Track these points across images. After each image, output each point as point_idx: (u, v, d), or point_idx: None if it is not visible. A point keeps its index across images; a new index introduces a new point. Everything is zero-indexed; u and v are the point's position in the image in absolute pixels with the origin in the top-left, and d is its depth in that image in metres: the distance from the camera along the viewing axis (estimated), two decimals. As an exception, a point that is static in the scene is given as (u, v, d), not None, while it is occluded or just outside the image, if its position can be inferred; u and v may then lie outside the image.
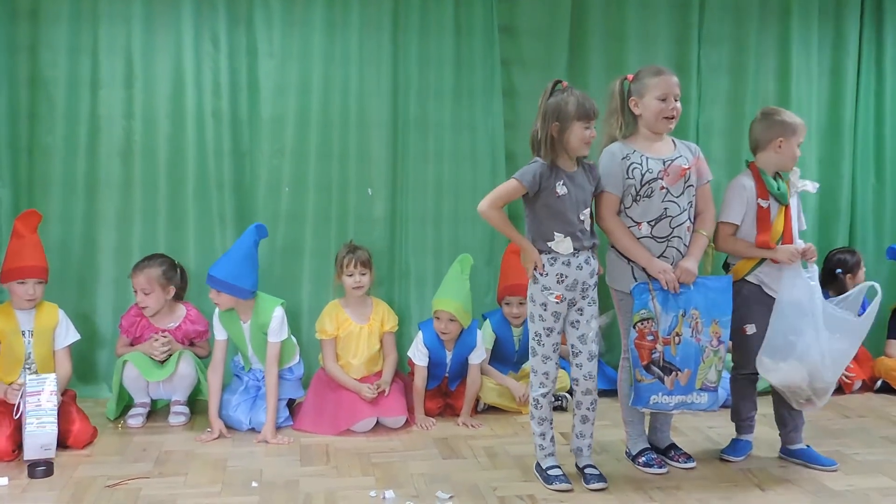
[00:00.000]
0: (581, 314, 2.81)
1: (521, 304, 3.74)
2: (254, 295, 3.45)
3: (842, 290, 3.84)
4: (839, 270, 4.20)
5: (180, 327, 3.63)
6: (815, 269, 2.97)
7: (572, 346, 2.84)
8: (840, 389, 4.16)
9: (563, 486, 2.78)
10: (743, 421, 3.18)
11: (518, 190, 2.74)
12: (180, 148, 3.92)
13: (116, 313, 3.82)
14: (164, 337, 3.54)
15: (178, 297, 3.69)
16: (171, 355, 3.55)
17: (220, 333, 3.50)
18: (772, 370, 2.92)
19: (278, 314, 3.45)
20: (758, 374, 3.03)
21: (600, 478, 2.83)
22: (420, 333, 3.63)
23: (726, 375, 3.25)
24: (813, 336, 2.86)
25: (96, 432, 3.27)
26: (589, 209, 2.81)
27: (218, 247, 3.95)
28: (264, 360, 3.49)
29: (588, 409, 2.88)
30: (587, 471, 2.87)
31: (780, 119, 3.04)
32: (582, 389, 2.85)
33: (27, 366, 3.35)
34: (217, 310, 3.48)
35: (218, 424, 3.38)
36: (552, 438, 2.89)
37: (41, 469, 2.88)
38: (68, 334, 3.44)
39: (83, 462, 3.02)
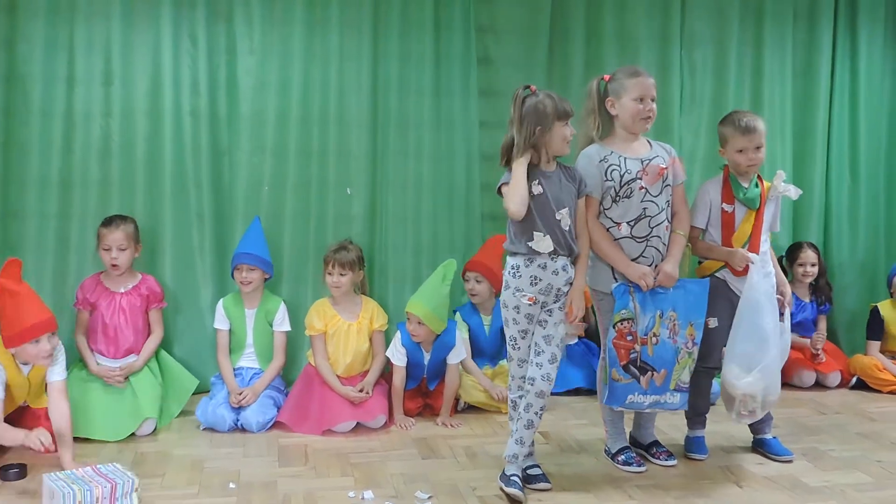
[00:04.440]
0: (550, 315, 2.79)
1: (477, 281, 3.85)
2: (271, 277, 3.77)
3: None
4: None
5: (138, 288, 3.62)
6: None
7: (536, 344, 2.78)
8: (818, 383, 4.24)
9: (515, 492, 2.72)
10: (698, 416, 3.21)
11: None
12: (158, 146, 3.88)
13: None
14: (120, 375, 3.42)
15: None
16: (127, 378, 3.44)
17: (223, 323, 3.66)
18: (739, 379, 2.96)
19: (283, 306, 3.73)
20: (717, 368, 3.10)
21: (544, 478, 2.84)
22: (398, 333, 3.63)
23: None
24: (776, 348, 2.93)
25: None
26: (568, 209, 2.76)
27: (196, 246, 3.93)
28: (262, 353, 3.67)
29: (536, 413, 2.76)
30: (530, 471, 2.85)
31: (724, 123, 3.12)
32: (536, 391, 2.74)
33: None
34: (222, 300, 3.70)
35: (238, 389, 3.52)
36: (531, 442, 2.87)
37: (14, 472, 2.84)
38: (60, 370, 3.02)
39: (56, 465, 2.97)
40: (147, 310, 3.65)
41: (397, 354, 3.59)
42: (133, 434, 3.33)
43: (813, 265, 4.31)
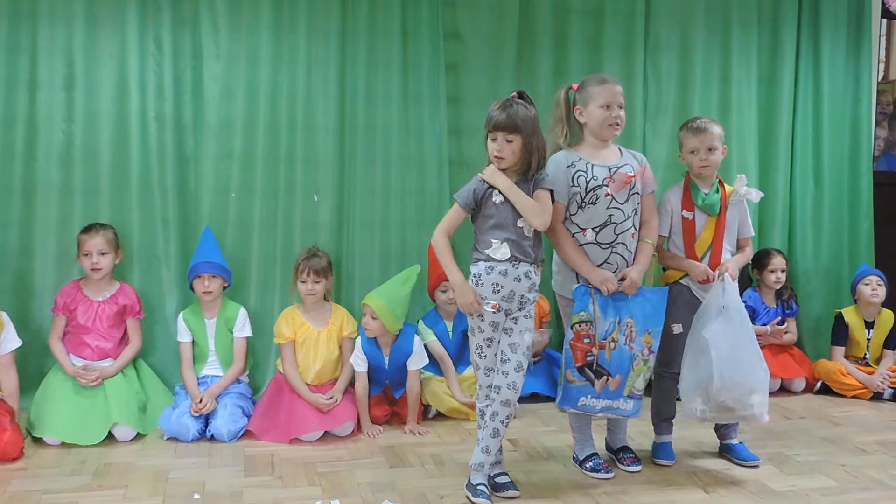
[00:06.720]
0: (515, 323, 2.78)
1: None
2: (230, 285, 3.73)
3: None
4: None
5: (115, 297, 3.61)
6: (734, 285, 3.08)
7: (502, 352, 2.77)
8: (783, 388, 4.29)
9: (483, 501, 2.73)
10: (664, 421, 3.23)
11: (459, 211, 2.80)
12: (123, 152, 3.83)
13: (55, 321, 3.73)
14: (94, 372, 3.45)
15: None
16: (101, 381, 3.44)
17: (185, 335, 3.63)
18: (694, 413, 3.03)
19: (243, 311, 3.69)
20: (680, 373, 3.10)
21: (513, 485, 2.83)
22: (359, 338, 3.61)
23: None
24: (718, 373, 2.95)
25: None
26: None
27: (161, 253, 3.88)
28: (224, 360, 3.64)
29: (502, 422, 2.75)
30: (498, 479, 2.85)
31: (681, 128, 3.19)
32: (501, 399, 2.73)
33: None
34: (182, 313, 3.64)
35: (198, 396, 3.46)
36: (499, 450, 2.87)
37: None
38: (11, 339, 3.38)
39: (17, 476, 2.92)
40: (124, 320, 3.64)
41: (358, 360, 3.58)
42: (113, 439, 3.35)
43: (783, 271, 4.38)
